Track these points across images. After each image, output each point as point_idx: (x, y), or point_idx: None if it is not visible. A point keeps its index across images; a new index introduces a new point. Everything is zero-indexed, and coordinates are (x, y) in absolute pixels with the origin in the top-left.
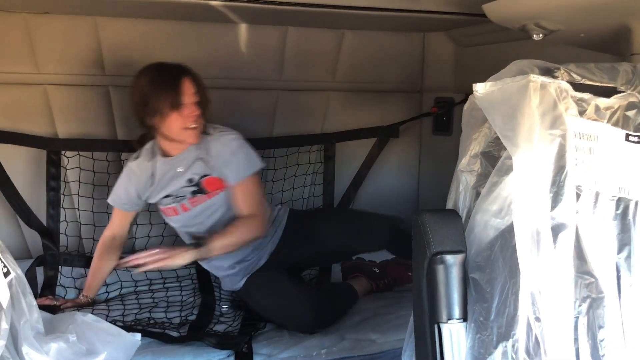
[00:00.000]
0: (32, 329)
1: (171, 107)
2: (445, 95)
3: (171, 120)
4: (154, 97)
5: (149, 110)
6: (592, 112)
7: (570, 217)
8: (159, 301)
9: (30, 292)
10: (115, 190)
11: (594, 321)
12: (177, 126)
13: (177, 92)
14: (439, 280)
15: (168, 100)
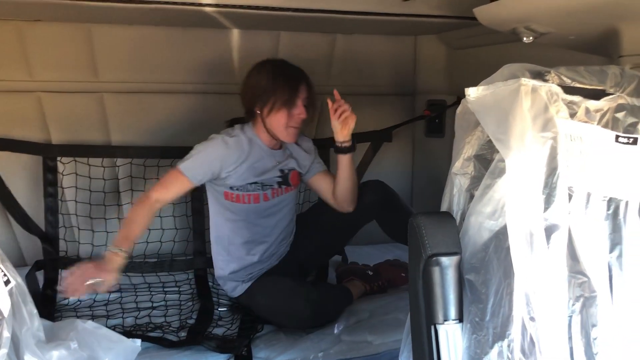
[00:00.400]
0: (33, 336)
1: (284, 104)
2: (437, 97)
3: (279, 116)
4: (271, 90)
5: (262, 100)
6: (582, 115)
7: (562, 218)
8: (158, 305)
9: (31, 300)
10: (195, 158)
11: (587, 320)
12: (282, 123)
13: (294, 92)
14: (435, 281)
15: (284, 97)
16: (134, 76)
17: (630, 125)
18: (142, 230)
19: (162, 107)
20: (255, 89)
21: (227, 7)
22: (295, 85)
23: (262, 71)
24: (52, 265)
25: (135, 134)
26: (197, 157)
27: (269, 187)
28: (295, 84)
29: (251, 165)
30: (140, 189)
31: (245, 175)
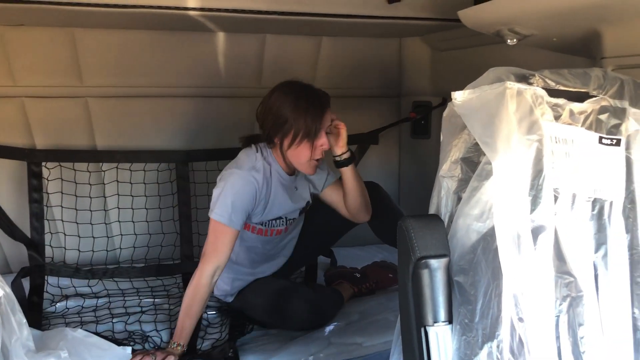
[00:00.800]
0: (23, 346)
1: (307, 137)
2: (422, 99)
3: (301, 148)
4: (295, 121)
5: (283, 130)
6: (566, 117)
7: (549, 219)
8: (147, 310)
9: (20, 309)
10: (233, 205)
11: (574, 319)
12: (305, 156)
13: (319, 124)
14: (424, 284)
15: (308, 130)
16: (118, 80)
17: (613, 127)
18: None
19: (148, 112)
20: (277, 117)
21: (212, 10)
22: (321, 115)
23: (286, 98)
24: (39, 272)
25: (121, 139)
26: (235, 203)
27: (292, 219)
28: (320, 113)
29: (275, 199)
30: (127, 193)
31: (273, 211)
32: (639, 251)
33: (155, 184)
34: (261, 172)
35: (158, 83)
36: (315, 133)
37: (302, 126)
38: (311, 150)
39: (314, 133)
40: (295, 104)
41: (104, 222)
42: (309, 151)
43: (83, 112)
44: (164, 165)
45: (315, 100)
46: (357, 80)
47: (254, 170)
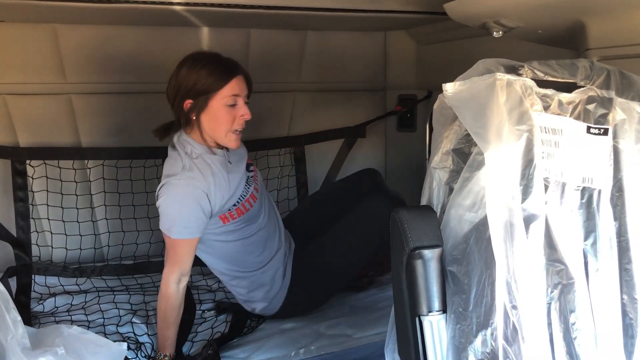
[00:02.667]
0: (18, 344)
1: (214, 88)
2: (408, 92)
3: (220, 117)
4: (202, 81)
5: (197, 100)
6: (555, 107)
7: (539, 208)
8: (138, 309)
9: (14, 307)
10: (184, 218)
11: (566, 306)
12: (225, 125)
13: (226, 78)
14: (418, 274)
15: (214, 82)
16: (102, 77)
17: (600, 117)
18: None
19: (132, 108)
20: (188, 89)
21: (197, 5)
22: (228, 73)
23: (193, 68)
24: (25, 271)
25: (106, 136)
26: (185, 215)
27: (249, 187)
28: (227, 70)
29: (228, 177)
30: (113, 190)
31: (233, 187)
32: (627, 238)
33: (142, 180)
34: (194, 167)
35: (142, 79)
36: (219, 85)
37: (207, 82)
38: (232, 121)
39: (219, 85)
40: (197, 67)
41: (90, 219)
42: (229, 121)
43: (67, 109)
44: (150, 161)
45: (217, 59)
46: (343, 74)
47: (186, 170)
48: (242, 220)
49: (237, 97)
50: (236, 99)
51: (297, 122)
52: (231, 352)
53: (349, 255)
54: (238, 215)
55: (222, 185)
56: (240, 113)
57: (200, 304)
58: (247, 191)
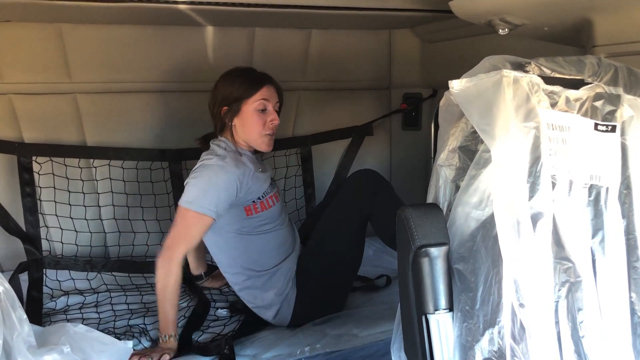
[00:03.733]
0: (24, 342)
1: (246, 96)
2: (413, 91)
3: (252, 121)
4: (234, 89)
5: (231, 107)
6: (562, 104)
7: (547, 205)
8: (152, 307)
9: (20, 305)
10: (207, 192)
11: (573, 304)
12: (256, 129)
13: (256, 86)
14: (424, 272)
15: (245, 89)
16: (107, 76)
17: (608, 114)
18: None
19: (137, 107)
20: (223, 99)
21: (202, 4)
22: (258, 82)
23: (227, 79)
24: (36, 265)
25: (111, 135)
26: (210, 189)
27: (272, 189)
28: (257, 79)
29: (255, 172)
30: (120, 191)
31: (260, 182)
32: (635, 236)
33: (149, 182)
34: (228, 157)
35: (147, 78)
36: (250, 92)
37: (240, 90)
38: (262, 124)
39: (250, 92)
40: (232, 79)
41: (99, 218)
42: (259, 124)
43: (72, 109)
44: (156, 163)
45: (250, 72)
46: (347, 73)
47: (220, 159)
48: (264, 215)
49: (266, 103)
50: (266, 105)
51: (301, 121)
52: (239, 349)
53: (340, 240)
54: (262, 209)
55: (249, 176)
56: (270, 118)
57: (214, 302)
58: (271, 190)
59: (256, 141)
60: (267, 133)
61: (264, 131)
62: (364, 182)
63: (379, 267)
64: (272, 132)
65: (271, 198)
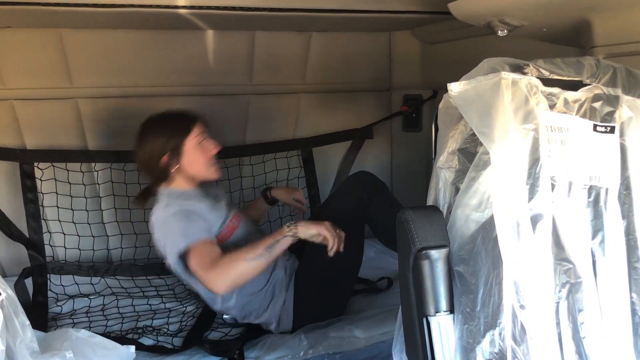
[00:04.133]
0: (27, 348)
1: (183, 133)
2: (413, 92)
3: (198, 155)
4: (168, 133)
5: (171, 153)
6: (561, 106)
7: (546, 207)
8: (158, 310)
9: (22, 311)
10: (192, 222)
11: (574, 305)
12: (204, 162)
13: (198, 128)
14: (425, 274)
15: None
16: (108, 81)
17: (607, 115)
18: None
19: (138, 111)
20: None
21: (202, 8)
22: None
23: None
24: (40, 271)
25: (112, 139)
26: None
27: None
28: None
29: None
30: (122, 194)
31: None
32: (635, 237)
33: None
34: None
35: (148, 83)
36: (188, 130)
37: (177, 133)
38: (207, 155)
39: (187, 130)
40: (161, 128)
41: (101, 221)
42: (205, 156)
43: (73, 114)
44: None
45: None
46: (348, 75)
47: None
48: (233, 238)
49: (203, 135)
50: (204, 136)
51: (302, 124)
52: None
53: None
54: (230, 233)
55: (205, 211)
56: (210, 147)
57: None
58: (230, 213)
59: (206, 172)
60: (212, 162)
61: (210, 160)
62: (361, 185)
63: (381, 268)
64: (215, 160)
65: (232, 220)
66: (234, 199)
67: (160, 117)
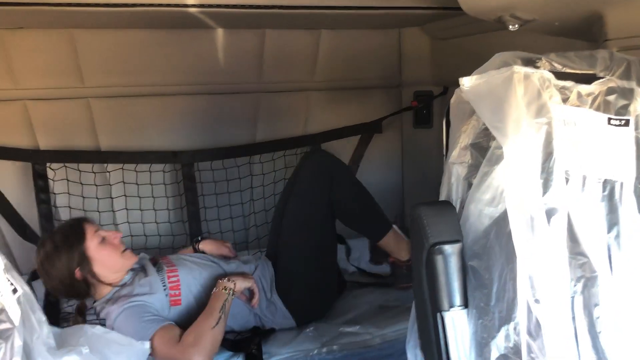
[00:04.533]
0: (44, 343)
1: (99, 242)
2: (423, 89)
3: (107, 251)
4: (74, 247)
5: (82, 267)
6: (574, 99)
7: (561, 201)
8: None
9: (39, 307)
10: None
11: (590, 299)
12: (116, 254)
13: (90, 227)
14: (439, 270)
15: (89, 235)
16: (119, 80)
17: (621, 108)
18: None
19: (149, 111)
20: (66, 271)
21: (212, 7)
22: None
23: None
24: None
25: (124, 139)
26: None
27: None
28: (81, 226)
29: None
30: (134, 194)
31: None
32: None
33: (162, 184)
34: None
35: (159, 82)
36: (82, 238)
37: (74, 246)
38: (114, 247)
39: (82, 238)
40: (57, 250)
41: (112, 223)
42: (113, 249)
43: (85, 113)
44: (169, 166)
45: (67, 227)
46: (358, 72)
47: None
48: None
49: (97, 230)
50: (99, 234)
51: (312, 121)
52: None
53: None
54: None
55: (148, 297)
56: (112, 239)
57: None
58: (163, 274)
59: (122, 263)
60: (122, 250)
61: (119, 250)
62: (322, 168)
63: None
64: (124, 246)
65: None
66: (244, 197)
67: (48, 241)
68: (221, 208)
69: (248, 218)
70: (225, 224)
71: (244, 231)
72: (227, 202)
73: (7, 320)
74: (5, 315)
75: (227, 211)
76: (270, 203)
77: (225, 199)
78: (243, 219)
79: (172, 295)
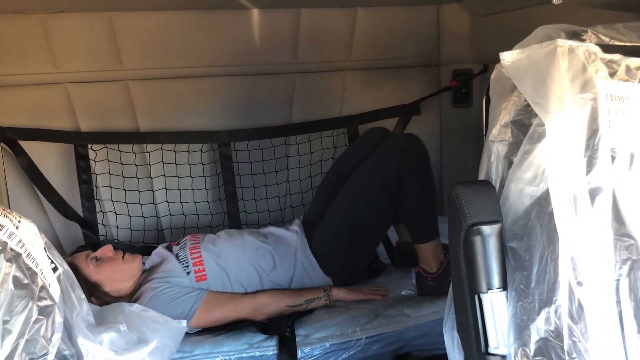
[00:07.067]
0: (84, 320)
1: (95, 265)
2: (463, 67)
3: (107, 270)
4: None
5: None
6: (622, 73)
7: (606, 180)
8: None
9: (79, 285)
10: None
11: (636, 283)
12: (117, 263)
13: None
14: (477, 251)
15: (87, 266)
16: (157, 62)
17: None
18: None
19: (187, 92)
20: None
21: None
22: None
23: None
24: (93, 249)
25: (162, 120)
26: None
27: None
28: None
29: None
30: (172, 174)
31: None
32: None
33: (199, 164)
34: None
35: (195, 63)
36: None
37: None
38: (111, 259)
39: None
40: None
41: (152, 202)
42: (112, 262)
43: (124, 95)
44: (207, 146)
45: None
46: (395, 51)
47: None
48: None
49: (90, 257)
50: (91, 258)
51: (348, 102)
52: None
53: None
54: (203, 269)
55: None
56: (104, 254)
57: None
58: (186, 256)
59: (128, 269)
60: (121, 257)
61: (118, 259)
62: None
63: None
64: (120, 253)
65: (194, 254)
66: (280, 178)
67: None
68: (257, 188)
69: (284, 199)
70: (261, 204)
71: (279, 211)
72: (263, 182)
73: (47, 297)
74: (46, 292)
75: (263, 192)
76: (307, 185)
77: (261, 179)
78: (278, 200)
79: (196, 272)
